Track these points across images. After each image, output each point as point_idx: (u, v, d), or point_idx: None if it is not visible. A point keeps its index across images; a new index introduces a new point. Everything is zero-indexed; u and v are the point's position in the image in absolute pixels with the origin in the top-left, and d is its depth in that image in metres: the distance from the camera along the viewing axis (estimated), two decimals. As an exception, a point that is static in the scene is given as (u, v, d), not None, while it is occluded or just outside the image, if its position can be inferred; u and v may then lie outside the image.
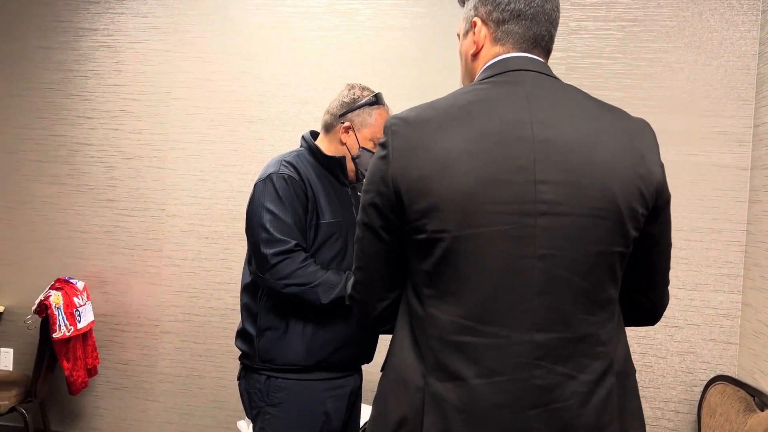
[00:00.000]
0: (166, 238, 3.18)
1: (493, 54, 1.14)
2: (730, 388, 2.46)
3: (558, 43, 2.82)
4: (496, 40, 1.14)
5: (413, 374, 1.06)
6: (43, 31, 3.30)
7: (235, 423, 3.07)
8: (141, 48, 3.21)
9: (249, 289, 1.82)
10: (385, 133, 1.09)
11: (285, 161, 1.79)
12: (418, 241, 1.04)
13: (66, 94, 3.28)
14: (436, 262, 1.03)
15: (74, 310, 2.92)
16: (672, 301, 2.72)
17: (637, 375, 2.68)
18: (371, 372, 2.78)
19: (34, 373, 2.86)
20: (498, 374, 1.01)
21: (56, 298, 2.84)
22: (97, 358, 3.12)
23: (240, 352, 1.84)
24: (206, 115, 3.14)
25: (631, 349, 2.74)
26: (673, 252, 2.71)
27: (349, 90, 1.87)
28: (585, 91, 1.13)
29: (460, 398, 1.02)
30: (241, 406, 3.09)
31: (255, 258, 1.74)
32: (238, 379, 1.87)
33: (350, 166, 1.87)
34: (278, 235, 1.70)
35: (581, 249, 1.02)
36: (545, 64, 1.13)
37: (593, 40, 2.82)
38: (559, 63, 2.83)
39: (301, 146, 1.90)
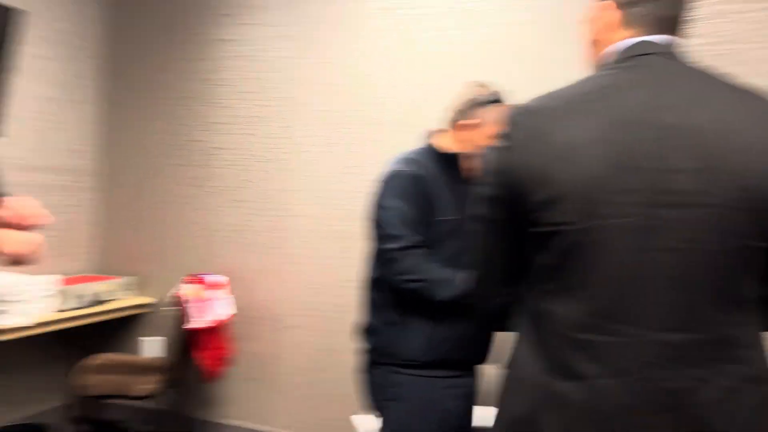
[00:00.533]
0: (291, 236, 3.32)
1: (621, 38, 1.08)
2: None
3: (697, 28, 2.63)
4: (624, 24, 1.08)
5: (533, 372, 1.03)
6: (183, 44, 3.57)
7: (350, 416, 3.14)
8: (270, 56, 3.38)
9: (371, 285, 1.86)
10: (506, 123, 1.07)
11: (407, 159, 1.82)
12: (539, 234, 1.01)
13: (204, 102, 3.53)
14: (557, 255, 1.00)
15: (206, 303, 3.13)
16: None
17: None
18: (488, 373, 2.73)
19: (174, 361, 3.09)
20: (624, 374, 0.96)
21: (189, 291, 3.06)
22: (229, 349, 3.32)
23: (363, 346, 1.88)
24: (329, 118, 3.25)
25: None
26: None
27: (472, 88, 1.87)
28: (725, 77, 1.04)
29: (583, 397, 0.97)
30: (356, 401, 3.16)
31: (378, 253, 1.77)
32: (361, 372, 1.91)
33: (470, 164, 1.86)
34: (399, 232, 1.73)
35: (716, 243, 0.94)
36: (677, 47, 1.06)
37: (734, 24, 2.60)
38: (698, 49, 2.64)
39: (423, 144, 1.92)
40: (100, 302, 3.31)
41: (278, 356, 3.34)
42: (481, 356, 1.85)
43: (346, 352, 3.20)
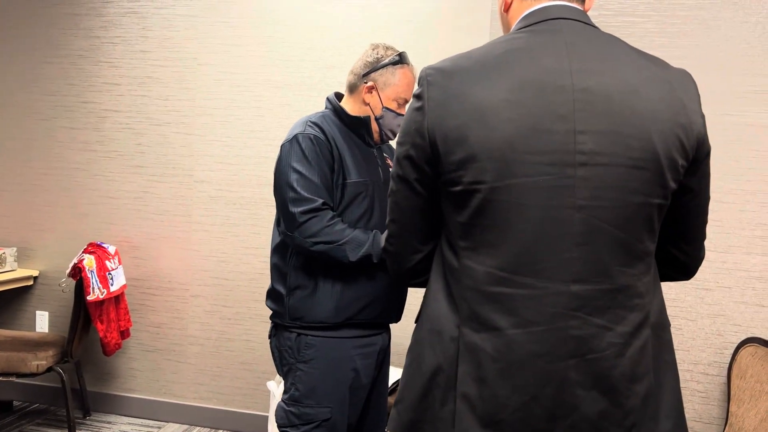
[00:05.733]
0: (195, 203, 3.21)
1: (530, 4, 1.11)
2: (762, 350, 2.44)
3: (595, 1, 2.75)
4: None
5: (447, 325, 1.07)
6: (70, -2, 3.29)
7: (264, 384, 3.13)
8: (167, 13, 3.20)
9: (278, 250, 1.84)
10: (419, 83, 1.07)
11: (310, 122, 1.80)
12: (454, 193, 1.04)
13: (94, 61, 3.30)
14: (472, 213, 1.03)
15: (107, 273, 2.99)
16: (703, 263, 2.69)
17: (666, 338, 2.66)
18: (398, 335, 2.80)
19: (69, 334, 2.94)
20: (534, 324, 1.01)
21: (89, 262, 2.90)
22: (129, 320, 3.19)
23: (271, 312, 1.87)
24: (233, 80, 3.15)
25: (660, 313, 2.72)
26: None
27: (373, 50, 1.86)
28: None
29: (495, 348, 1.02)
30: (269, 368, 3.15)
31: (283, 217, 1.75)
32: (270, 337, 1.90)
33: (374, 126, 1.86)
34: (305, 194, 1.71)
35: (620, 200, 1.01)
36: (584, 13, 1.11)
37: (626, -2, 2.75)
38: (594, 21, 2.76)
39: (326, 107, 1.90)
40: (-16, 276, 3.08)
41: (183, 327, 3.26)
42: (393, 315, 1.89)
43: (254, 321, 3.17)
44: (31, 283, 3.38)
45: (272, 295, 1.85)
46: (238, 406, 3.20)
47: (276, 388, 2.60)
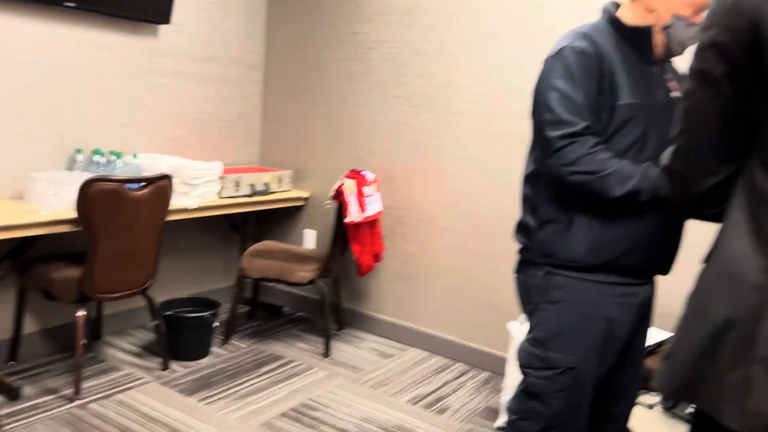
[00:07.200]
0: (450, 135, 3.17)
1: None
2: None
3: None
4: None
5: (749, 269, 0.82)
6: (347, -70, 3.40)
7: (504, 324, 3.04)
8: (435, -62, 3.13)
9: (530, 179, 1.68)
10: None
11: (579, 33, 1.56)
12: None
13: (364, -8, 3.40)
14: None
15: (364, 198, 3.12)
16: None
17: None
18: (663, 294, 2.46)
19: (330, 252, 3.16)
20: None
21: (350, 186, 3.06)
22: (382, 245, 3.33)
23: (519, 246, 1.73)
24: (495, 8, 2.98)
25: None
26: None
27: None
28: None
29: None
30: (511, 308, 3.04)
31: (539, 142, 1.58)
32: (515, 272, 1.77)
33: (658, 39, 1.56)
34: (566, 116, 1.51)
35: None
36: None
37: None
38: None
39: (600, 17, 1.64)
40: (262, 192, 3.45)
41: (431, 257, 3.30)
42: (661, 265, 1.62)
43: (501, 259, 3.07)
44: (302, 203, 3.71)
45: (521, 228, 1.71)
46: (477, 342, 3.18)
47: (517, 330, 2.48)
